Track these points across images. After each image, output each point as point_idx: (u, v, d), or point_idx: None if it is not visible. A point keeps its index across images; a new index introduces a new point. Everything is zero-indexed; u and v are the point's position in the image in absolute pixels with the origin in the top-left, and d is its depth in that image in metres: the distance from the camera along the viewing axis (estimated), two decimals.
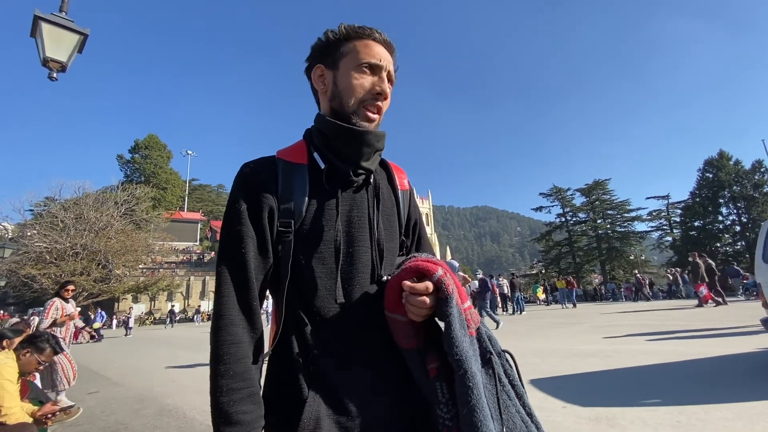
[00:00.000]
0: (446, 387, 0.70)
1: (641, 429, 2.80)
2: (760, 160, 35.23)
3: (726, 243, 36.41)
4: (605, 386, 3.96)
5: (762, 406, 3.04)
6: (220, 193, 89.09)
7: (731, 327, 7.29)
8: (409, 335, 0.74)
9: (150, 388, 5.51)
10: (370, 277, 0.80)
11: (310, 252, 0.77)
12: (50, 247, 29.75)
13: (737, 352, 5.09)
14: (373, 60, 0.83)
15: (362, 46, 0.84)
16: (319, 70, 0.88)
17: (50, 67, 3.52)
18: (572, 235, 43.17)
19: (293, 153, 0.84)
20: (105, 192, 37.67)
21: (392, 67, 0.87)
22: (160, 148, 62.01)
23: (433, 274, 0.72)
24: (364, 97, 0.82)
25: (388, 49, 0.87)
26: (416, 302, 0.71)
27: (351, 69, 0.83)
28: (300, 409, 0.68)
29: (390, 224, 0.88)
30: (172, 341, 14.83)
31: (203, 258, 53.11)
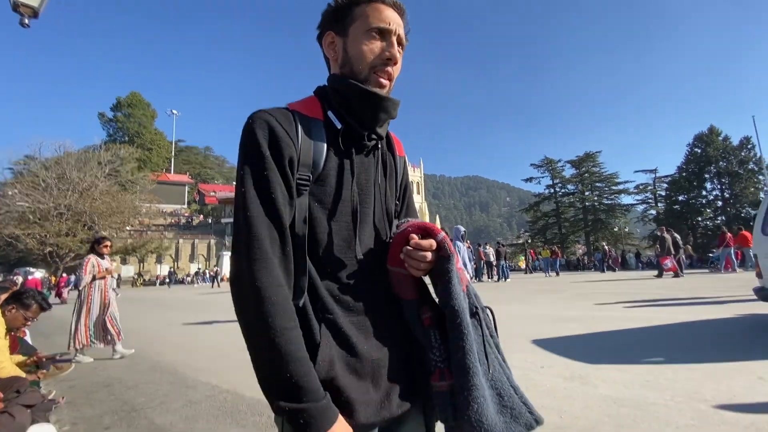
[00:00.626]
0: (438, 334, 0.80)
1: (611, 386, 2.98)
2: (748, 137, 35.68)
3: (707, 217, 37.44)
4: (582, 349, 4.17)
5: (727, 367, 3.25)
6: (208, 155, 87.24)
7: (705, 297, 7.65)
8: (408, 288, 0.82)
9: (141, 347, 5.62)
10: (374, 237, 0.85)
11: (324, 208, 0.79)
12: (33, 207, 29.14)
13: (709, 318, 5.38)
14: (382, 24, 0.82)
15: (372, 10, 0.83)
16: (330, 37, 0.88)
17: (21, 12, 3.28)
18: (560, 206, 43.83)
19: (307, 107, 0.83)
20: (87, 151, 36.59)
21: (402, 31, 0.86)
22: (143, 106, 59.79)
23: (438, 234, 0.80)
24: (374, 62, 0.82)
25: (398, 11, 0.86)
26: (419, 257, 0.77)
27: (360, 35, 0.83)
28: (314, 353, 0.70)
29: (390, 189, 0.92)
30: (162, 302, 15.00)
31: (191, 221, 52.74)
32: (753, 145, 34.95)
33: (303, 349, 0.67)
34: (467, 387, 0.73)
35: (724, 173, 36.10)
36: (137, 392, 3.65)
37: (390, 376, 0.78)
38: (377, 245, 0.85)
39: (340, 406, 0.69)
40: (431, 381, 0.79)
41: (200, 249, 45.33)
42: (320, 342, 0.72)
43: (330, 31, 0.87)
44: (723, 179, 36.43)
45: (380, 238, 0.86)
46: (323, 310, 0.75)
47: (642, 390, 2.87)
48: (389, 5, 0.84)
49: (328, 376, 0.70)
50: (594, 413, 2.54)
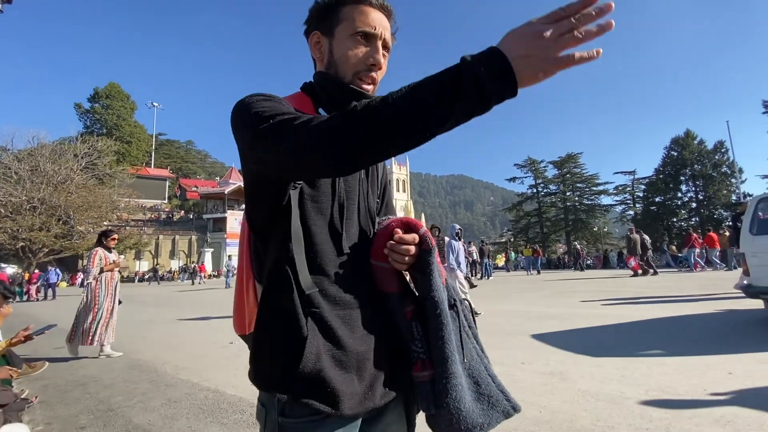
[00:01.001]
0: (420, 326, 0.83)
1: (589, 382, 3.07)
2: (722, 141, 36.98)
3: (682, 218, 38.72)
4: (562, 345, 4.27)
5: (699, 362, 3.39)
6: (189, 149, 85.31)
7: (678, 295, 7.93)
8: (392, 282, 0.85)
9: (119, 344, 5.47)
10: (359, 232, 0.87)
11: (314, 201, 0.80)
12: (4, 200, 27.98)
13: (681, 315, 5.59)
14: (368, 29, 0.82)
15: (358, 13, 0.83)
16: (316, 36, 0.88)
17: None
18: (542, 206, 44.62)
19: (298, 102, 0.83)
20: (63, 143, 35.30)
21: (389, 33, 0.86)
22: (122, 98, 58.00)
23: (420, 228, 0.83)
24: (359, 67, 0.83)
25: (385, 12, 0.86)
26: (402, 250, 0.80)
27: (346, 38, 0.83)
28: (301, 346, 0.72)
29: (372, 186, 0.94)
30: (140, 298, 14.64)
31: (172, 216, 51.59)
32: (726, 149, 36.28)
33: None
34: (446, 375, 0.76)
35: (699, 176, 37.38)
36: (114, 391, 3.57)
37: (374, 368, 0.79)
38: (361, 241, 0.87)
39: (326, 398, 0.71)
40: (413, 372, 0.81)
41: (181, 245, 44.35)
42: (307, 335, 0.73)
43: (316, 31, 0.87)
44: (698, 182, 37.73)
45: (364, 235, 0.88)
46: (309, 304, 0.76)
47: (618, 385, 2.96)
48: (376, 7, 0.84)
49: (314, 368, 0.71)
50: (572, 408, 2.61)
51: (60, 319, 9.40)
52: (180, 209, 55.76)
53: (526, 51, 0.52)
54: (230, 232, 40.97)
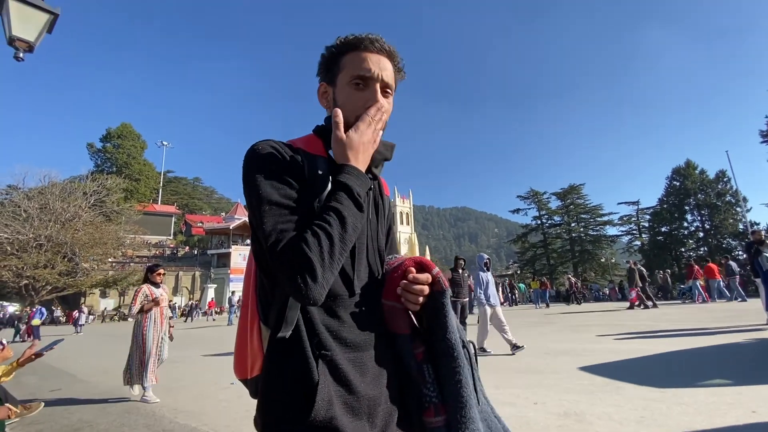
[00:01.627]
0: (431, 369, 0.81)
1: (607, 424, 2.91)
2: (723, 170, 37.16)
3: (690, 248, 38.21)
4: (575, 383, 4.10)
5: (720, 401, 3.22)
6: (196, 186, 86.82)
7: (689, 328, 7.67)
8: (402, 322, 0.83)
9: (116, 386, 5.31)
10: (368, 273, 0.86)
11: None
12: (12, 238, 28.26)
13: (696, 347, 5.37)
14: (364, 72, 0.84)
15: (355, 59, 0.85)
16: (323, 87, 0.91)
17: (17, 46, 3.33)
18: (547, 237, 44.35)
19: (309, 144, 0.86)
20: (73, 182, 36.11)
21: (389, 74, 0.87)
22: (134, 137, 59.88)
23: (433, 269, 0.82)
24: (359, 112, 0.83)
25: (385, 55, 0.87)
26: (416, 290, 0.80)
27: (345, 84, 0.86)
28: (312, 392, 0.69)
29: (381, 226, 0.95)
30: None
31: (177, 252, 51.65)
32: (728, 179, 36.40)
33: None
34: (463, 421, 0.74)
35: (704, 205, 37.27)
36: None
37: (385, 413, 0.78)
38: (371, 281, 0.86)
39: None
40: (425, 417, 0.78)
41: (184, 281, 44.10)
42: (318, 381, 0.70)
43: (323, 81, 0.91)
44: (702, 211, 37.56)
45: (373, 275, 0.87)
46: (320, 347, 0.74)
47: (638, 427, 2.81)
48: (373, 51, 0.86)
49: (327, 416, 0.69)
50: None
51: (72, 359, 9.23)
52: (185, 245, 55.93)
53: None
54: (234, 268, 40.74)
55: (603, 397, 3.55)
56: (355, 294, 0.81)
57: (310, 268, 0.65)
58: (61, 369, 7.55)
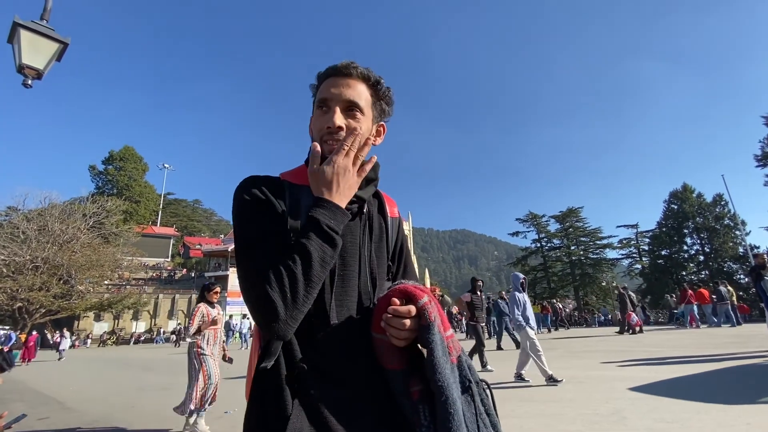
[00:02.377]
0: (428, 410, 0.72)
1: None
2: (720, 194, 37.43)
3: (691, 272, 37.99)
4: (577, 415, 3.98)
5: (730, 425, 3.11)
6: (196, 208, 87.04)
7: (694, 354, 7.52)
8: (393, 357, 0.76)
9: (108, 414, 5.15)
10: (357, 301, 0.83)
11: None
12: (8, 260, 28.01)
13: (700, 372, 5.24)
14: (325, 95, 0.85)
15: (324, 86, 0.87)
16: (311, 120, 0.93)
17: (26, 74, 3.42)
18: (547, 260, 44.14)
19: (297, 175, 0.88)
20: (73, 203, 36.16)
21: (355, 93, 0.85)
22: (135, 160, 60.50)
23: (419, 299, 0.74)
24: (321, 134, 0.85)
25: (354, 77, 0.86)
26: (397, 324, 0.73)
27: (314, 110, 0.88)
28: (282, 426, 0.68)
29: (379, 251, 0.91)
30: (134, 362, 14.02)
31: (174, 275, 51.14)
32: (726, 202, 36.60)
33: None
34: None
35: (702, 228, 37.32)
36: None
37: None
38: (361, 311, 0.82)
39: None
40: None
41: (180, 305, 43.44)
42: (290, 415, 0.69)
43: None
44: (702, 234, 37.57)
45: (364, 304, 0.84)
46: (299, 380, 0.72)
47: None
48: (339, 75, 0.86)
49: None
50: None
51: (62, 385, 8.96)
52: (182, 267, 55.46)
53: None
54: (231, 291, 40.10)
55: (607, 428, 3.44)
56: (333, 324, 0.78)
57: (273, 308, 0.67)
58: (48, 395, 7.33)
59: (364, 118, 0.87)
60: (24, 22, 3.44)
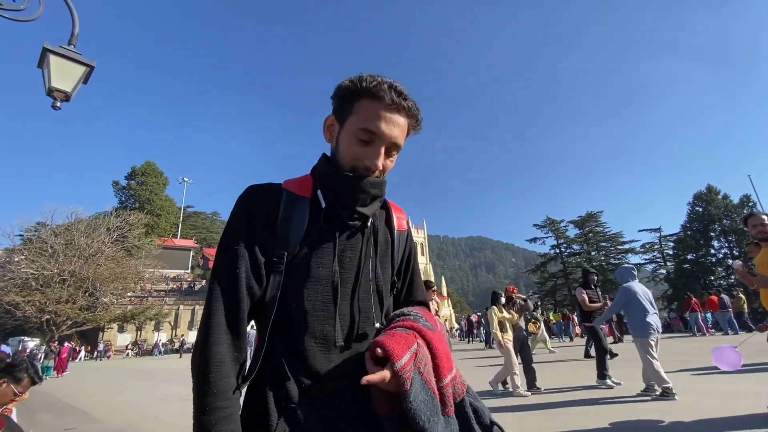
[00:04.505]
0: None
1: None
2: (747, 195, 36.06)
3: (720, 276, 36.53)
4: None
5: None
6: (215, 220, 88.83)
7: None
8: (383, 401, 0.71)
9: (131, 424, 5.24)
10: (359, 321, 0.81)
11: (300, 288, 0.77)
12: (37, 274, 29.08)
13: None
14: (372, 129, 0.78)
15: (369, 109, 0.79)
16: (330, 120, 0.87)
17: (55, 96, 3.59)
18: (567, 266, 43.18)
19: (299, 185, 0.85)
20: (98, 218, 37.40)
21: (400, 134, 0.81)
22: (156, 175, 62.25)
23: (396, 361, 0.68)
24: (355, 164, 0.81)
25: (403, 113, 0.81)
26: (375, 392, 0.72)
27: (351, 132, 0.80)
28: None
29: (384, 265, 0.88)
30: (155, 373, 14.25)
31: (194, 286, 52.10)
32: (753, 203, 35.22)
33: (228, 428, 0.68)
34: None
35: (730, 231, 35.94)
36: None
37: None
38: (361, 329, 0.80)
39: None
40: None
41: (200, 315, 44.16)
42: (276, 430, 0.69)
43: (333, 115, 0.86)
44: (729, 237, 36.17)
45: (368, 322, 0.81)
46: (287, 399, 0.71)
47: None
48: (392, 107, 0.79)
49: None
50: None
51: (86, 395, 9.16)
52: (202, 278, 56.48)
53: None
54: None
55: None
56: (338, 345, 0.76)
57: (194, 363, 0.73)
58: (74, 406, 7.51)
59: (396, 156, 0.86)
60: (53, 48, 3.62)
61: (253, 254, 0.75)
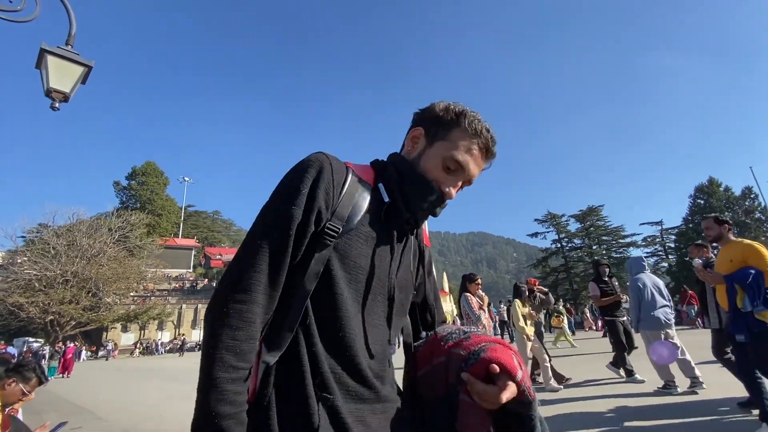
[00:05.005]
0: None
1: None
2: (749, 187, 36.02)
3: None
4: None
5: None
6: (216, 219, 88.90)
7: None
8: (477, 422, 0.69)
9: (138, 423, 5.28)
10: (393, 321, 0.83)
11: (345, 270, 0.75)
12: (40, 275, 29.20)
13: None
14: (462, 162, 0.82)
15: (464, 143, 0.82)
16: (418, 132, 0.88)
17: (53, 97, 3.59)
18: (568, 261, 43.19)
19: (362, 171, 0.84)
20: (99, 218, 37.49)
21: (476, 175, 0.87)
22: (157, 174, 62.31)
23: (515, 374, 0.67)
24: (431, 184, 0.83)
25: (488, 157, 0.87)
26: (491, 402, 0.67)
27: (439, 155, 0.83)
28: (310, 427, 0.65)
29: (413, 276, 0.91)
30: (160, 372, 14.34)
31: (196, 285, 52.27)
32: (755, 195, 35.17)
33: (241, 393, 0.64)
34: None
35: (732, 223, 35.88)
36: None
37: None
38: (393, 329, 0.82)
39: None
40: None
41: (203, 314, 44.34)
42: (318, 427, 0.65)
43: (421, 128, 0.87)
44: (732, 230, 36.14)
45: (399, 322, 0.84)
46: (322, 388, 0.68)
47: None
48: (482, 149, 0.84)
49: None
50: None
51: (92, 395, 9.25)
52: (204, 278, 56.66)
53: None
54: None
55: None
56: (372, 340, 0.76)
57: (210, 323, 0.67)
58: (80, 406, 7.57)
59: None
60: (50, 48, 3.61)
61: (306, 221, 0.72)
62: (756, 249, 3.15)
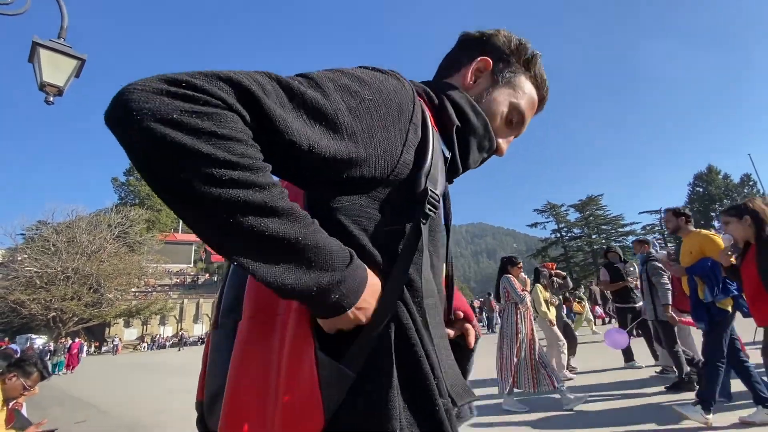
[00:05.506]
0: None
1: None
2: (748, 174, 36.09)
3: None
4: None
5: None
6: None
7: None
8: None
9: (139, 418, 5.32)
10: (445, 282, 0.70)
11: (432, 240, 0.61)
12: (41, 272, 29.29)
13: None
14: (526, 116, 0.75)
15: (530, 97, 0.75)
16: (484, 63, 0.72)
17: (47, 91, 3.55)
18: (568, 250, 43.38)
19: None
20: (99, 215, 37.50)
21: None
22: None
23: (472, 318, 0.78)
24: (491, 130, 0.72)
25: (541, 108, 0.81)
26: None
27: (506, 103, 0.72)
28: (439, 419, 0.53)
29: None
30: (162, 367, 14.44)
31: (197, 280, 52.46)
32: (754, 182, 35.22)
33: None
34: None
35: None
36: None
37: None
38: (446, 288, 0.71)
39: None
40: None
41: (205, 309, 44.54)
42: (440, 408, 0.54)
43: (489, 59, 0.72)
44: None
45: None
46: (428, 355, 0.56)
47: None
48: (539, 102, 0.78)
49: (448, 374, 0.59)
50: None
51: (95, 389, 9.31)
52: (205, 272, 56.85)
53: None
54: None
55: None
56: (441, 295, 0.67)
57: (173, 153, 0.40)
58: (84, 400, 7.63)
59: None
60: (42, 42, 3.56)
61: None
62: (711, 239, 3.35)
